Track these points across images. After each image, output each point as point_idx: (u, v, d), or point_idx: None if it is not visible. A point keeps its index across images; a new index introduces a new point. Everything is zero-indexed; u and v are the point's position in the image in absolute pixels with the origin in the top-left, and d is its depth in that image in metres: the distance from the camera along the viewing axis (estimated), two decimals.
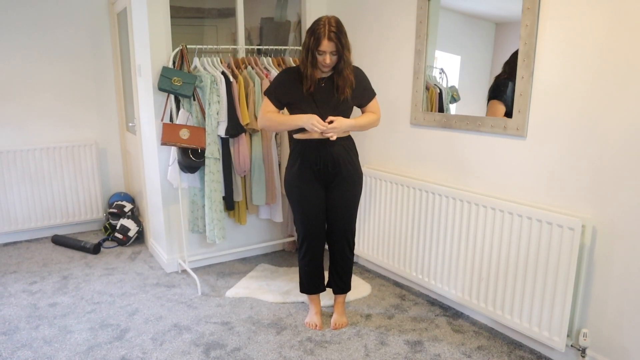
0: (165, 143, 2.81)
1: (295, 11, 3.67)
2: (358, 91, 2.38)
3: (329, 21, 2.18)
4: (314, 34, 2.19)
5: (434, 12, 2.68)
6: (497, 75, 2.40)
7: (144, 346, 2.38)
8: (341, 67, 2.27)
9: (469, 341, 2.43)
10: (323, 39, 2.17)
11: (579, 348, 2.13)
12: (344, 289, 2.62)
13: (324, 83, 2.33)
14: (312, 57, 2.23)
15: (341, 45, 2.20)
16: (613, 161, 1.96)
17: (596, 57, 1.97)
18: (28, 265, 3.40)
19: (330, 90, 2.32)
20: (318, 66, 2.26)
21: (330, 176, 2.39)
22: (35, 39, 3.76)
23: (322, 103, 2.32)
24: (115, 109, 4.18)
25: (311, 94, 2.30)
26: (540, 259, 2.18)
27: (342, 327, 2.57)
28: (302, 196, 2.40)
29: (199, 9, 4.00)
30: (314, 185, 2.40)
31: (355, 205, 2.51)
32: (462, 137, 2.60)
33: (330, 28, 2.17)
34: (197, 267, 3.35)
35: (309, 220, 2.43)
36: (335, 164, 2.37)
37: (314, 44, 2.19)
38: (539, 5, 2.13)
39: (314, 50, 2.21)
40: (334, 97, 2.32)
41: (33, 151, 3.80)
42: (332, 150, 2.35)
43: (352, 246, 2.57)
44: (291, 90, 2.33)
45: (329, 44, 2.17)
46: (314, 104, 2.31)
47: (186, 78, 2.84)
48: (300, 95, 2.31)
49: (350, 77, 2.30)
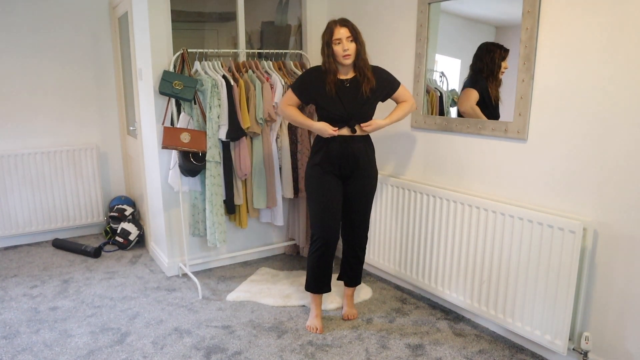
0: (166, 147, 2.81)
1: (295, 15, 3.68)
2: (382, 86, 2.46)
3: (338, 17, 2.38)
4: (326, 29, 2.35)
5: (434, 15, 2.68)
6: (471, 65, 2.50)
7: (145, 350, 2.37)
8: (361, 65, 2.38)
9: (470, 345, 2.42)
10: (335, 26, 2.32)
11: (581, 351, 2.13)
12: (356, 282, 2.70)
13: (349, 83, 2.41)
14: (330, 51, 2.33)
15: (355, 32, 2.33)
16: (614, 164, 1.96)
17: (596, 60, 1.97)
18: (29, 269, 3.40)
19: (356, 90, 2.41)
20: (339, 59, 2.34)
21: (349, 170, 2.47)
22: (37, 43, 3.77)
23: (348, 102, 2.40)
24: (116, 112, 4.18)
25: (337, 93, 2.39)
26: (542, 262, 2.18)
27: (353, 317, 2.68)
28: (321, 187, 2.46)
29: (200, 13, 4.02)
30: (333, 178, 2.47)
31: (371, 200, 2.57)
32: (462, 141, 2.60)
33: (340, 18, 2.36)
34: (198, 270, 3.35)
35: (325, 212, 2.46)
36: (355, 159, 2.45)
37: (328, 36, 2.33)
38: (539, 8, 2.14)
39: (331, 43, 2.32)
40: (360, 96, 2.40)
41: (34, 155, 3.80)
42: (353, 146, 2.43)
43: (365, 240, 2.64)
44: (315, 89, 2.43)
45: (342, 30, 2.30)
46: (340, 103, 2.39)
47: (187, 82, 2.85)
48: (325, 95, 2.40)
49: (370, 76, 2.40)
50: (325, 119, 2.44)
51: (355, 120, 2.40)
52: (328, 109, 2.40)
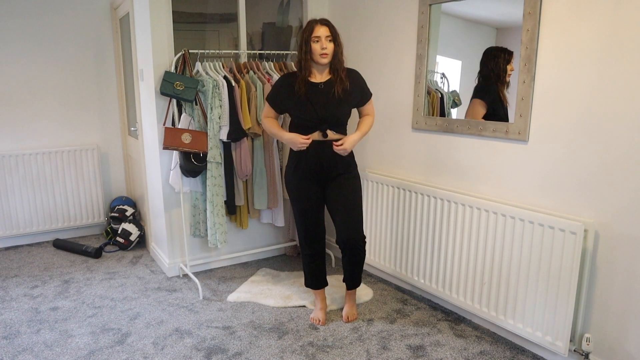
0: (167, 147, 2.82)
1: (297, 16, 3.68)
2: (355, 91, 2.45)
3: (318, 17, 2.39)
4: (306, 26, 2.35)
5: (435, 17, 2.69)
6: (478, 72, 2.47)
7: (145, 351, 2.37)
8: (336, 66, 2.37)
9: (471, 346, 2.42)
10: (316, 25, 2.32)
11: (582, 353, 2.13)
12: (355, 284, 2.68)
13: (322, 86, 2.39)
14: (309, 48, 2.32)
15: (335, 32, 2.33)
16: (615, 165, 1.96)
17: (597, 61, 1.97)
18: (29, 270, 3.40)
19: (329, 93, 2.38)
20: (316, 58, 2.33)
21: (326, 174, 2.47)
22: (38, 44, 3.78)
23: (319, 105, 2.37)
24: (117, 113, 4.19)
25: (307, 97, 2.37)
26: (543, 263, 2.18)
27: (353, 319, 2.68)
28: (300, 193, 2.51)
29: (201, 14, 4.02)
30: (311, 183, 2.50)
31: (358, 200, 2.52)
32: (463, 142, 2.60)
33: (321, 18, 2.36)
34: (199, 271, 3.35)
35: (306, 218, 2.54)
36: (333, 163, 2.45)
37: (308, 34, 2.32)
38: (540, 9, 2.14)
39: (309, 40, 2.31)
40: (333, 100, 2.38)
41: (35, 155, 3.80)
42: (328, 151, 2.43)
43: (362, 242, 2.51)
44: (288, 95, 2.42)
45: (322, 29, 2.31)
46: (311, 106, 2.37)
47: (188, 82, 2.85)
48: (297, 99, 2.39)
49: (344, 77, 2.39)
50: (297, 124, 2.43)
51: (327, 124, 2.38)
52: (298, 113, 2.38)
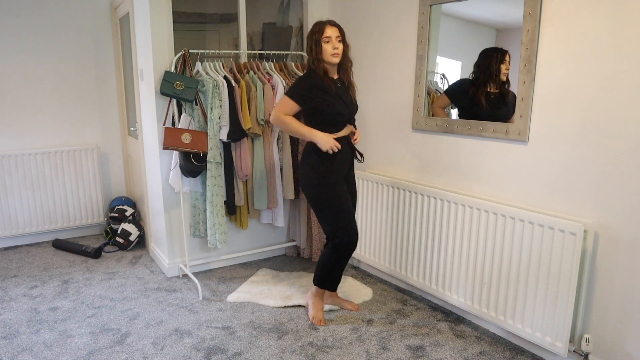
0: (167, 147, 2.82)
1: (297, 16, 3.68)
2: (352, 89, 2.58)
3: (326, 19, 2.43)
4: (315, 28, 2.37)
5: (435, 17, 2.69)
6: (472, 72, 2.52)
7: (145, 351, 2.37)
8: (347, 66, 2.45)
9: (470, 346, 2.42)
10: (325, 26, 2.36)
11: (582, 353, 2.13)
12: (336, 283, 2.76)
13: (340, 84, 2.46)
14: (319, 49, 2.35)
15: (343, 33, 2.38)
16: (615, 166, 1.97)
17: (598, 62, 1.97)
18: (29, 270, 3.40)
19: (346, 90, 2.48)
20: (327, 58, 2.37)
21: (349, 168, 2.58)
22: (38, 43, 3.78)
23: (348, 101, 2.47)
24: (117, 113, 4.19)
25: (337, 93, 2.42)
26: (543, 264, 2.18)
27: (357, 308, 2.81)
28: (341, 187, 2.51)
29: (202, 14, 4.02)
30: (342, 178, 2.54)
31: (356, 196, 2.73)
32: (463, 142, 2.60)
33: (328, 19, 2.41)
34: (198, 271, 3.35)
35: (350, 213, 2.53)
36: (352, 157, 2.59)
37: (319, 35, 2.34)
38: (540, 10, 2.14)
39: (320, 41, 2.34)
40: (350, 96, 2.49)
41: (35, 155, 3.80)
42: (351, 146, 2.55)
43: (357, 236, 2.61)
44: (319, 93, 2.38)
45: (332, 29, 2.35)
46: (342, 102, 2.43)
47: (188, 82, 2.85)
48: (330, 96, 2.40)
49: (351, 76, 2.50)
50: (327, 122, 2.41)
51: (352, 119, 2.49)
52: (334, 109, 2.40)
